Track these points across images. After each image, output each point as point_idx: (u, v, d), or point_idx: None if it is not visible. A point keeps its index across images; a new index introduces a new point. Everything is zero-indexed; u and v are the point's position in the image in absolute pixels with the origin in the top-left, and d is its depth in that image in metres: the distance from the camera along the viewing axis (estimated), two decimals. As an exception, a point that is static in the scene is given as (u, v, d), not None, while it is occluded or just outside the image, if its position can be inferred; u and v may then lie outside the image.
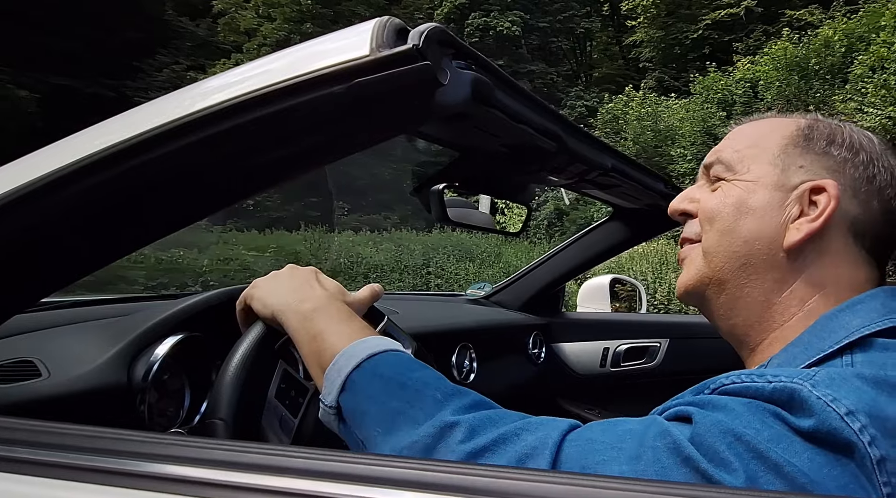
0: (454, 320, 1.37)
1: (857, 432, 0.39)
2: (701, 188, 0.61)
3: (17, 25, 13.44)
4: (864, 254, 0.55)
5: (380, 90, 0.47)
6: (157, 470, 0.44)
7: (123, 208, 0.55)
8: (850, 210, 0.54)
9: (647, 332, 1.61)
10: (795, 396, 0.41)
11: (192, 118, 0.50)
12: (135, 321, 0.76)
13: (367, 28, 0.48)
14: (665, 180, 1.18)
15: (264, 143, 0.53)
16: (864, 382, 0.42)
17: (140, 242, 0.59)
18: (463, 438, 0.47)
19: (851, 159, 0.55)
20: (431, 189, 0.73)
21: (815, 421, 0.40)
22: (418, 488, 0.39)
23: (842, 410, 0.40)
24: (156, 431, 0.70)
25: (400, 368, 0.54)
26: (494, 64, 0.55)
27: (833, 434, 0.40)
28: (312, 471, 0.41)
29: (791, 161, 0.55)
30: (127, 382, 0.70)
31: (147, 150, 0.51)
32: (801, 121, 0.58)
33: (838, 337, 0.48)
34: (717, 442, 0.41)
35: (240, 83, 0.51)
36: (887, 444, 0.39)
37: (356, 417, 0.52)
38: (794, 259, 0.54)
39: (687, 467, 0.41)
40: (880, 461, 0.39)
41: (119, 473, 0.44)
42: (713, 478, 0.40)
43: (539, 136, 0.67)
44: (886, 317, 0.49)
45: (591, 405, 1.60)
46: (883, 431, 0.40)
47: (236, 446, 0.45)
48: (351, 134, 0.54)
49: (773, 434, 0.41)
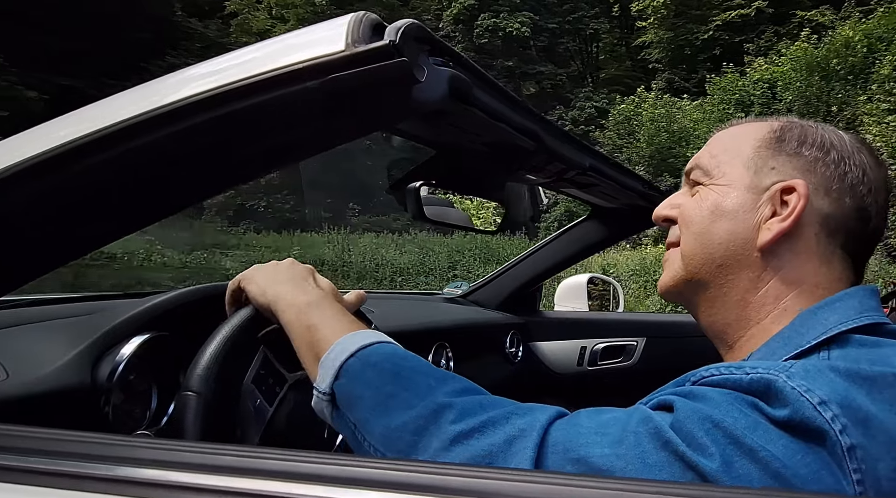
0: (431, 319, 1.37)
1: (829, 421, 0.41)
2: (683, 194, 0.63)
3: (22, 26, 13.26)
4: (839, 251, 0.56)
5: (355, 86, 0.46)
6: (123, 473, 0.43)
7: (84, 204, 0.53)
8: (823, 208, 0.55)
9: (624, 330, 1.63)
10: (772, 386, 0.43)
11: (162, 112, 0.49)
12: (100, 320, 0.74)
13: (343, 23, 0.47)
14: (643, 180, 1.19)
15: (236, 139, 0.51)
16: (837, 374, 0.44)
17: (106, 239, 0.57)
18: (454, 418, 0.48)
19: (822, 158, 0.56)
20: (408, 187, 0.72)
21: (790, 410, 0.42)
22: (391, 489, 0.38)
23: (815, 399, 0.42)
24: (121, 433, 0.69)
25: (393, 358, 0.56)
26: (471, 60, 0.54)
27: (806, 422, 0.41)
28: (284, 472, 0.40)
29: (763, 163, 0.57)
30: (91, 382, 0.68)
31: (109, 146, 0.49)
32: (774, 123, 0.59)
33: (816, 333, 0.50)
34: (696, 428, 0.42)
35: (211, 77, 0.49)
36: (858, 432, 0.41)
37: (350, 402, 0.54)
38: (769, 258, 0.55)
39: (666, 451, 0.42)
40: (850, 449, 0.41)
41: (82, 477, 0.43)
42: (691, 461, 0.41)
43: (517, 135, 0.67)
44: (863, 314, 0.51)
45: (568, 404, 1.61)
46: (854, 420, 0.41)
47: (205, 448, 0.44)
48: (325, 130, 0.53)
49: (749, 422, 0.42)
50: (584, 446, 0.44)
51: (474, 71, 0.55)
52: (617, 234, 1.51)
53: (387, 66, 0.45)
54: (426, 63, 0.48)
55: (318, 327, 0.60)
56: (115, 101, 0.53)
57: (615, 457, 0.43)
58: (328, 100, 0.47)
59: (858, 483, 0.41)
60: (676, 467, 0.42)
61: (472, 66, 0.55)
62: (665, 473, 0.42)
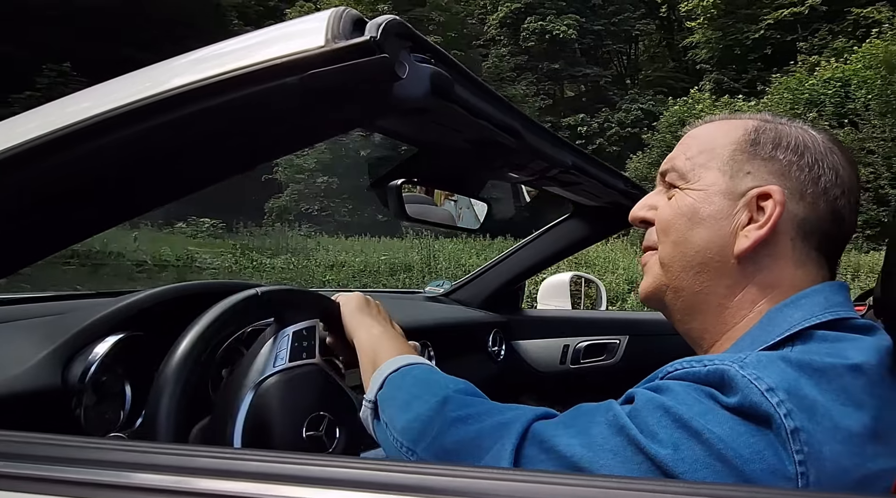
0: (413, 318, 1.36)
1: (774, 406, 0.44)
2: (659, 194, 0.63)
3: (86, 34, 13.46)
4: (814, 253, 0.56)
5: (335, 82, 0.45)
6: (95, 477, 0.42)
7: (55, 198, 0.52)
8: (798, 213, 0.55)
9: (606, 329, 1.64)
10: (725, 376, 0.46)
11: (138, 106, 0.48)
12: (72, 320, 0.72)
13: (323, 18, 0.46)
14: (625, 178, 1.20)
15: (213, 135, 0.50)
16: (788, 364, 0.47)
17: (81, 235, 0.56)
18: (454, 407, 0.57)
19: (797, 162, 0.56)
20: (389, 185, 0.72)
21: (740, 397, 0.45)
22: (372, 489, 0.38)
23: (763, 386, 0.45)
24: (93, 435, 0.67)
25: (426, 373, 0.67)
26: (452, 57, 0.54)
27: (754, 407, 0.44)
28: (263, 474, 0.40)
29: (739, 167, 0.57)
30: (62, 383, 0.66)
31: (83, 140, 0.48)
32: (748, 123, 0.59)
33: (781, 330, 0.51)
34: (649, 416, 0.46)
35: (189, 71, 0.48)
36: (803, 417, 0.44)
37: (385, 404, 0.64)
38: (745, 265, 0.56)
39: (621, 436, 0.46)
40: (794, 431, 0.44)
41: (53, 481, 0.42)
42: (641, 445, 0.45)
43: (499, 132, 0.67)
44: (828, 310, 0.52)
45: (551, 402, 1.61)
46: (800, 406, 0.44)
47: (182, 450, 0.43)
48: (305, 127, 0.52)
49: (702, 409, 0.46)
50: (555, 437, 0.49)
51: (456, 68, 0.55)
52: (599, 232, 1.52)
53: (367, 63, 0.45)
54: (407, 60, 0.47)
55: (378, 351, 0.73)
56: (87, 96, 0.51)
57: (580, 446, 0.47)
58: (307, 96, 0.47)
59: (801, 463, 0.43)
60: (629, 452, 0.46)
61: (454, 62, 0.54)
62: (619, 458, 0.46)
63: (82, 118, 0.49)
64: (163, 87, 0.48)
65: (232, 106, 0.47)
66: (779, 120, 0.60)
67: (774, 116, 0.61)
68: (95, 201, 0.54)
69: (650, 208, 0.63)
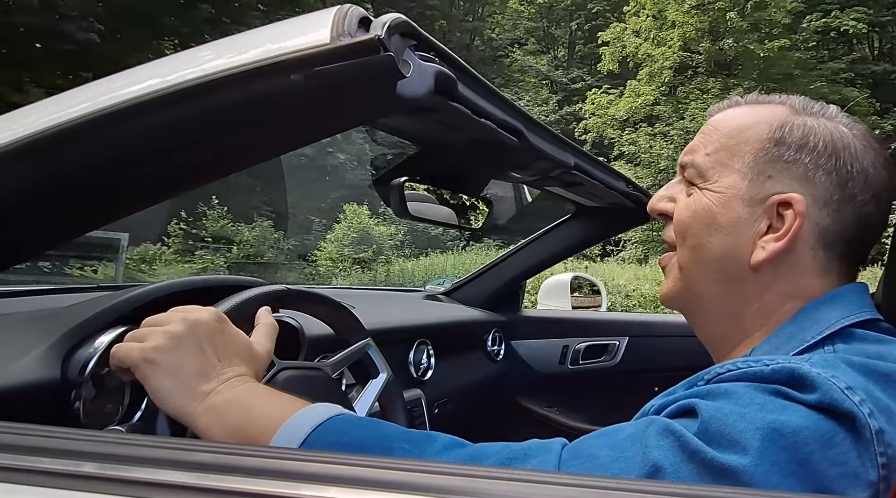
0: (412, 316, 1.37)
1: (857, 404, 0.41)
2: (679, 185, 0.60)
3: None
4: (835, 263, 0.54)
5: (339, 80, 0.46)
6: (94, 471, 0.41)
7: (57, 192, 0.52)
8: (820, 221, 0.53)
9: (606, 330, 1.63)
10: (795, 373, 0.43)
11: (141, 101, 0.48)
12: (72, 313, 0.72)
13: (328, 15, 0.46)
14: (627, 180, 1.20)
15: (218, 130, 0.50)
16: (852, 367, 0.44)
17: (79, 230, 0.56)
18: None
19: (823, 165, 0.53)
20: (391, 183, 0.72)
21: (819, 394, 0.41)
22: (370, 488, 0.38)
23: (842, 384, 0.42)
24: (92, 429, 0.67)
25: (351, 430, 0.49)
26: (457, 57, 0.54)
27: (835, 405, 0.41)
28: (262, 470, 0.40)
29: (760, 170, 0.54)
30: (61, 377, 0.66)
31: (83, 134, 0.48)
32: (775, 115, 0.55)
33: (820, 328, 0.50)
34: (723, 426, 0.41)
35: (194, 66, 0.48)
36: (883, 419, 0.41)
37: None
38: (763, 275, 0.54)
39: (694, 463, 0.40)
40: (879, 432, 0.41)
41: (52, 474, 0.42)
42: (723, 464, 0.39)
43: (502, 132, 0.67)
44: (863, 309, 0.51)
45: (550, 403, 1.62)
46: (878, 408, 0.42)
47: (180, 444, 0.43)
48: (308, 123, 0.52)
49: (777, 406, 0.42)
50: (603, 469, 0.42)
51: (460, 67, 0.54)
52: (601, 233, 1.52)
53: (372, 61, 0.45)
54: (412, 58, 0.48)
55: (247, 427, 0.50)
56: (92, 89, 0.51)
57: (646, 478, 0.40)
58: (311, 93, 0.47)
59: (883, 467, 0.40)
60: (707, 478, 0.40)
61: (458, 61, 0.54)
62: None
63: (89, 111, 0.48)
64: (167, 83, 0.48)
65: (237, 101, 0.47)
66: (810, 108, 0.56)
67: (806, 105, 0.56)
68: (98, 194, 0.54)
69: (669, 200, 0.60)
